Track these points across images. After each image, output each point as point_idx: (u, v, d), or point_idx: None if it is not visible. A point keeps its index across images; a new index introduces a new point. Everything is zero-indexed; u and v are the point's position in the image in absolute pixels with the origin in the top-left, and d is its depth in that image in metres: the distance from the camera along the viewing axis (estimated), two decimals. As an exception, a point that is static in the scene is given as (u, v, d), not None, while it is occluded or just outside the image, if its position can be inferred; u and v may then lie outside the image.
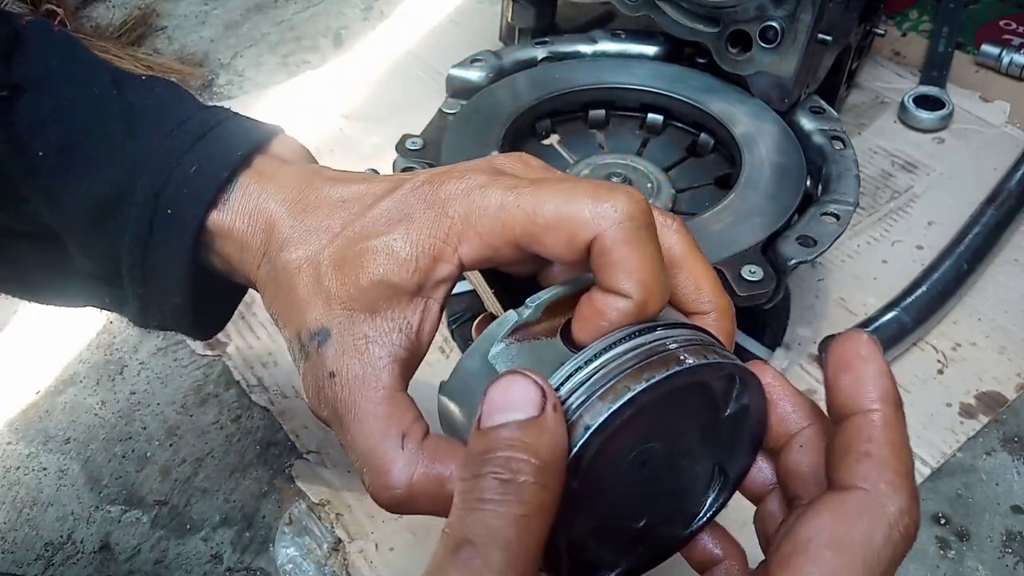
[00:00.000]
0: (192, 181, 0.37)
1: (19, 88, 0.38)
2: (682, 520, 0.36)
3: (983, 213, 0.77)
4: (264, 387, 0.68)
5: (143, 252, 0.38)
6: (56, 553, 0.60)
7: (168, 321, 0.41)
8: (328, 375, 0.34)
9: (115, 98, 0.39)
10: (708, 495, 0.36)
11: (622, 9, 0.76)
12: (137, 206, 0.37)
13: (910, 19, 1.04)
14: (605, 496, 0.32)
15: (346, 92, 0.97)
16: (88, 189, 0.37)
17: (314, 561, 0.58)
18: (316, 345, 0.34)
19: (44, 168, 0.37)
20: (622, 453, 0.31)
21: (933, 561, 0.57)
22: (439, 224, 0.35)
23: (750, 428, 0.35)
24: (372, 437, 0.33)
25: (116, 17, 1.11)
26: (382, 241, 0.35)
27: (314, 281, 0.35)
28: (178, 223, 0.37)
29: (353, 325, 0.34)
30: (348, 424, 0.34)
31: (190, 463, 0.65)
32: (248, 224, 0.37)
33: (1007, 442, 0.64)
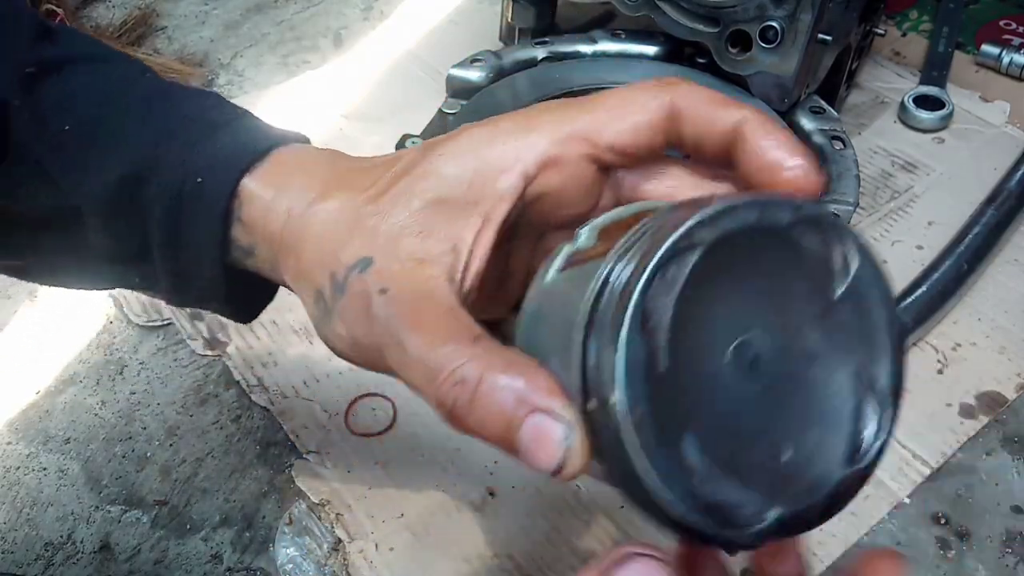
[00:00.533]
0: (226, 151, 0.36)
1: (46, 67, 0.37)
2: (837, 455, 0.29)
3: (983, 213, 0.77)
4: (264, 387, 0.68)
5: (174, 222, 0.36)
6: (56, 553, 0.60)
7: (205, 295, 0.39)
8: (378, 292, 0.31)
9: (148, 79, 0.38)
10: (863, 419, 0.29)
11: (622, 9, 0.76)
12: (164, 176, 0.36)
13: (910, 19, 1.04)
14: (713, 402, 0.26)
15: (346, 92, 0.97)
16: (117, 159, 0.36)
17: (314, 561, 0.58)
18: (358, 273, 0.32)
19: (70, 143, 0.37)
20: (710, 332, 0.26)
21: (933, 561, 0.57)
22: (494, 135, 0.32)
23: (879, 311, 0.29)
24: (436, 338, 0.29)
25: (116, 17, 1.11)
26: (428, 165, 0.33)
27: (353, 221, 0.33)
28: (209, 191, 0.36)
29: (399, 249, 0.32)
30: (406, 337, 0.30)
31: (190, 463, 0.65)
32: (277, 191, 0.36)
33: (1007, 442, 0.64)
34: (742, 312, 0.27)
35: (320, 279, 0.33)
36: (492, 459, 0.63)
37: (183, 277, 0.38)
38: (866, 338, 0.29)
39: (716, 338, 0.26)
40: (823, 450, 0.28)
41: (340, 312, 0.32)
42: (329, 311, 0.33)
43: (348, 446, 0.64)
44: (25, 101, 0.36)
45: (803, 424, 0.28)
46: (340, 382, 0.68)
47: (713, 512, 0.26)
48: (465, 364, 0.28)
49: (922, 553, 0.57)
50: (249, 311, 0.43)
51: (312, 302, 0.34)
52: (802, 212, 0.27)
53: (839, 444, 0.29)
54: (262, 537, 0.60)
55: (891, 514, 0.59)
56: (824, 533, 0.58)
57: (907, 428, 0.64)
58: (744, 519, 0.26)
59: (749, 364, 0.27)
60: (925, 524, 0.59)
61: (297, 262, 0.35)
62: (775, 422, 0.27)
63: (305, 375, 0.69)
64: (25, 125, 0.36)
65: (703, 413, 0.26)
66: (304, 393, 0.68)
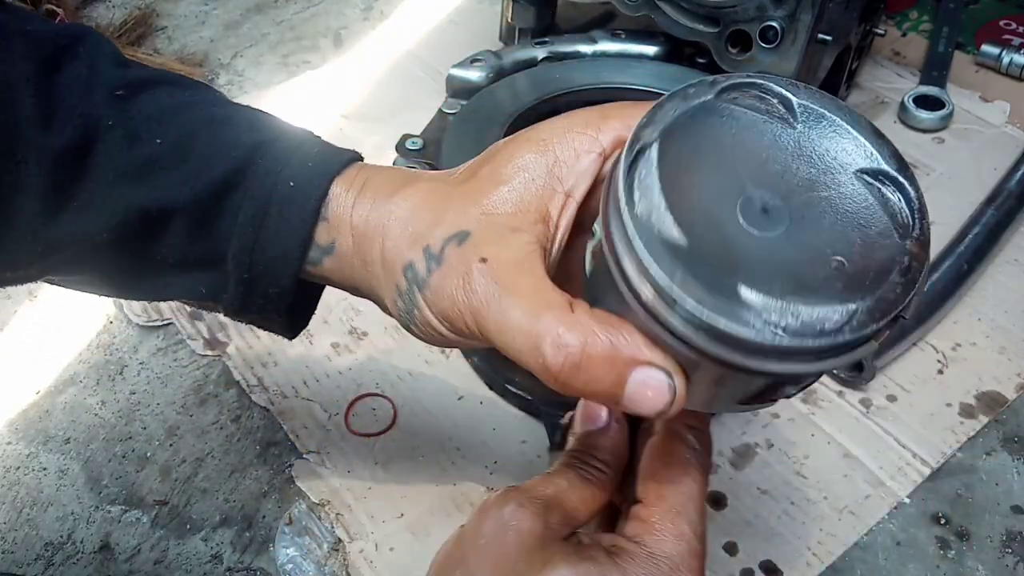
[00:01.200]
0: (316, 158, 0.40)
1: (133, 88, 0.40)
2: (889, 240, 0.31)
3: (983, 213, 0.77)
4: (264, 387, 0.68)
5: (256, 233, 0.39)
6: (56, 553, 0.60)
7: (270, 303, 0.42)
8: (479, 261, 0.33)
9: (222, 99, 0.42)
10: (889, 200, 0.32)
11: (622, 9, 0.76)
12: (257, 180, 0.39)
13: (910, 19, 1.04)
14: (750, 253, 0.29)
15: (346, 92, 0.97)
16: (207, 169, 0.39)
17: (314, 561, 0.58)
18: (455, 244, 0.34)
19: (163, 157, 0.39)
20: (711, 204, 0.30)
21: (933, 561, 0.57)
22: (572, 121, 0.36)
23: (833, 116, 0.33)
24: (539, 306, 0.32)
25: (116, 17, 1.11)
26: (511, 152, 0.36)
27: (441, 201, 0.36)
28: (301, 193, 0.39)
29: (495, 222, 0.34)
30: (509, 302, 0.32)
31: (190, 463, 0.65)
32: (361, 190, 0.39)
33: (1007, 442, 0.64)
34: (729, 179, 0.31)
35: (410, 254, 0.36)
36: (492, 459, 0.63)
37: (253, 284, 0.41)
38: (844, 139, 0.32)
39: (720, 207, 0.30)
40: (873, 243, 0.31)
41: (435, 283, 0.35)
42: (422, 282, 0.35)
43: (348, 446, 0.64)
44: (118, 119, 0.39)
45: (843, 233, 0.31)
46: (340, 382, 0.68)
47: (809, 334, 0.28)
48: (567, 332, 0.31)
49: (922, 553, 0.58)
50: (299, 324, 0.46)
51: (400, 276, 0.37)
52: (719, 85, 0.32)
53: (886, 231, 0.31)
54: (262, 537, 0.60)
55: (891, 514, 0.59)
56: (824, 533, 0.58)
57: (907, 428, 0.64)
58: (837, 326, 0.29)
59: (761, 214, 0.30)
60: (925, 524, 0.59)
61: (383, 246, 0.37)
62: (818, 244, 0.30)
63: (305, 375, 0.69)
64: (117, 143, 0.39)
65: (744, 265, 0.29)
66: (304, 393, 0.68)
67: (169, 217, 0.40)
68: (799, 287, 0.29)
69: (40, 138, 0.38)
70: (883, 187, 0.32)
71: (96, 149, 0.39)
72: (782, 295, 0.29)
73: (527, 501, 0.34)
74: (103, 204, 0.39)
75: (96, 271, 0.43)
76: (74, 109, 0.38)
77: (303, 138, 0.41)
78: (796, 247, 0.30)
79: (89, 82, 0.39)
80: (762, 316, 0.28)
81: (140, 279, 0.43)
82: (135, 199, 0.39)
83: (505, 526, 0.34)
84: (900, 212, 0.32)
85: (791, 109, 0.33)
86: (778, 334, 0.28)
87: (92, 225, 0.39)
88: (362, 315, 0.73)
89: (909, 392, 0.66)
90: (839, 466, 0.62)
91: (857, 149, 0.32)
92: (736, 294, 0.28)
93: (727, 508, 0.60)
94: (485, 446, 0.64)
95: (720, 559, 0.57)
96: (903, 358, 0.68)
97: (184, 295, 0.44)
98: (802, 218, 0.31)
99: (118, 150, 0.39)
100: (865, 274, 0.30)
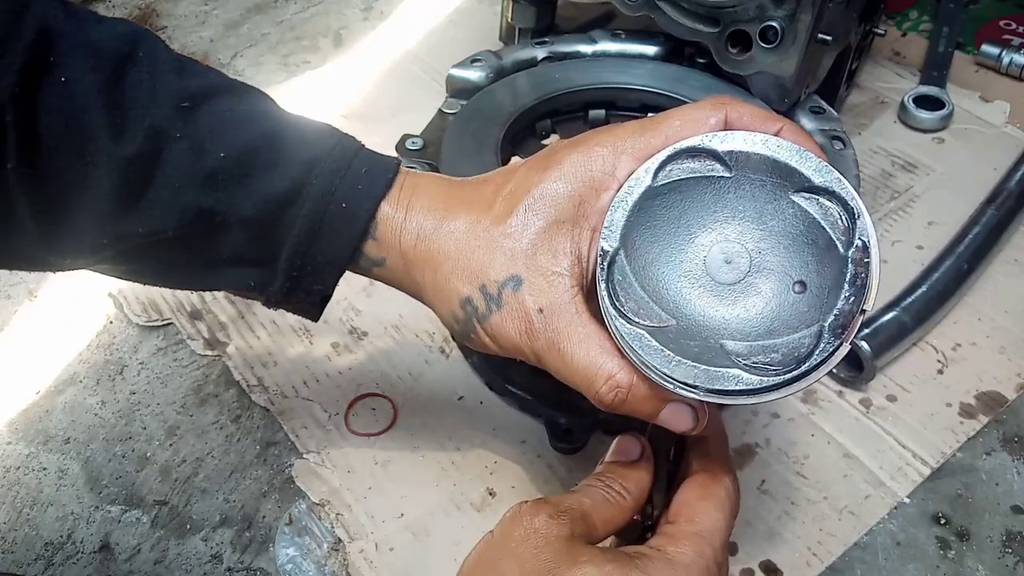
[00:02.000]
0: (364, 179, 0.44)
1: (196, 100, 0.43)
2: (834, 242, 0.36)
3: (983, 213, 0.77)
4: (264, 387, 0.68)
5: (309, 243, 0.44)
6: (56, 553, 0.60)
7: (309, 298, 0.47)
8: (537, 311, 0.40)
9: (277, 111, 0.46)
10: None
11: (622, 9, 0.76)
12: (312, 201, 0.43)
13: (910, 19, 1.04)
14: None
15: (346, 92, 0.97)
16: (268, 186, 0.43)
17: (314, 561, 0.58)
18: (511, 291, 0.40)
19: (226, 169, 0.43)
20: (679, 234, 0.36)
21: (933, 561, 0.57)
22: (590, 159, 0.40)
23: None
24: (592, 351, 0.39)
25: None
26: (540, 189, 0.41)
27: (487, 241, 0.41)
28: (351, 215, 0.44)
29: (540, 267, 0.40)
30: (569, 347, 0.39)
31: (190, 463, 0.65)
32: (407, 212, 0.44)
33: (1007, 442, 0.64)
34: (690, 247, 0.37)
35: (466, 290, 0.42)
36: (492, 459, 0.63)
37: (300, 281, 0.46)
38: (773, 168, 0.36)
39: (690, 275, 0.36)
40: (823, 256, 0.35)
41: (496, 321, 0.41)
42: (483, 317, 0.42)
43: (348, 446, 0.64)
44: (184, 131, 0.42)
45: (799, 255, 0.36)
46: (340, 382, 0.68)
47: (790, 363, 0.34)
48: (619, 372, 0.38)
49: (922, 553, 0.58)
50: (324, 307, 0.50)
51: (457, 307, 0.43)
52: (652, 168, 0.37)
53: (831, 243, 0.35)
54: (262, 537, 0.60)
55: (891, 514, 0.59)
56: (824, 533, 0.58)
57: (907, 428, 0.64)
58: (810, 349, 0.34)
59: (725, 264, 0.36)
60: (925, 524, 0.59)
61: (435, 275, 0.43)
62: (780, 272, 0.36)
63: (305, 375, 0.69)
64: (183, 154, 0.42)
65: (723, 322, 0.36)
66: (304, 393, 0.68)
67: (230, 223, 0.44)
68: (772, 322, 0.35)
69: (110, 146, 0.40)
70: (820, 199, 0.36)
71: (163, 157, 0.42)
72: (760, 336, 0.35)
73: (557, 513, 0.39)
74: (171, 205, 0.42)
75: (151, 262, 0.46)
76: (142, 120, 0.41)
77: (352, 153, 0.45)
78: (762, 285, 0.35)
79: (153, 90, 0.42)
80: (748, 360, 0.34)
81: (193, 272, 0.46)
82: (201, 204, 0.43)
83: (536, 532, 0.38)
84: (839, 218, 0.35)
85: (720, 159, 0.37)
86: (765, 375, 0.34)
87: (159, 223, 0.43)
88: (362, 315, 0.73)
89: (909, 392, 0.66)
90: (839, 466, 0.62)
91: (786, 172, 0.36)
92: (722, 350, 0.35)
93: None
94: (485, 446, 0.64)
95: (720, 559, 0.57)
96: (903, 358, 0.68)
97: (232, 287, 0.47)
98: (760, 253, 0.36)
99: (184, 161, 0.42)
100: (823, 288, 0.35)
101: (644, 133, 0.40)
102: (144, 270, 0.47)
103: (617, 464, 0.43)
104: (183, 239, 0.43)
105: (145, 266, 0.46)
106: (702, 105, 0.40)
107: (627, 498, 0.41)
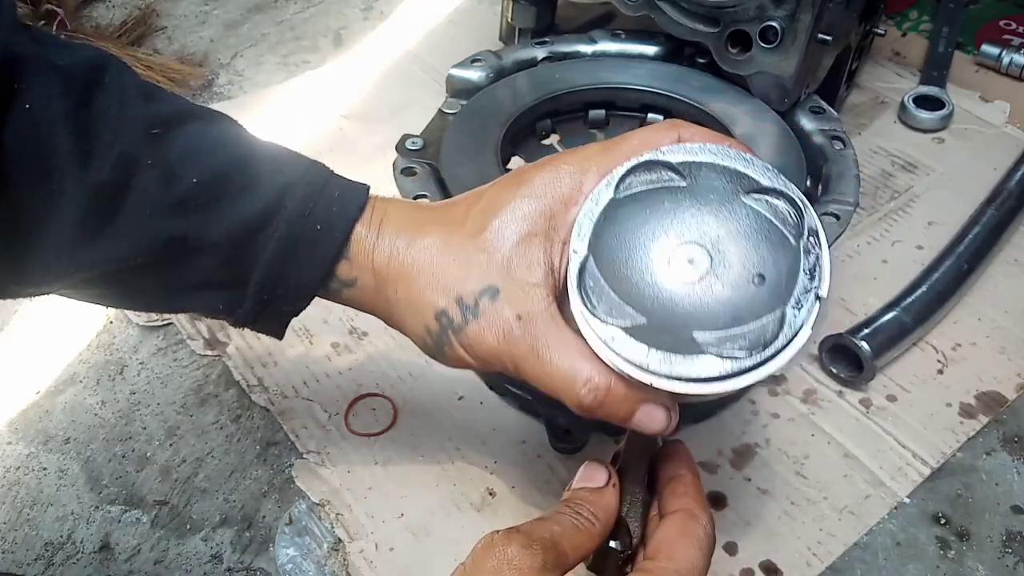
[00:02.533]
0: (337, 202, 0.45)
1: (166, 125, 0.42)
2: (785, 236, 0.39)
3: (983, 213, 0.77)
4: (264, 387, 0.68)
5: (281, 266, 0.44)
6: (56, 553, 0.60)
7: (277, 320, 0.48)
8: (515, 318, 0.41)
9: (246, 137, 0.46)
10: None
11: (622, 9, 0.76)
12: (286, 223, 0.44)
13: (910, 19, 1.04)
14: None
15: (346, 92, 0.97)
16: (240, 211, 0.43)
17: (314, 561, 0.58)
18: (488, 300, 0.41)
19: (198, 195, 0.42)
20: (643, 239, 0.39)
21: (933, 561, 0.57)
22: (558, 176, 0.42)
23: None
24: (571, 355, 0.40)
25: (116, 17, 1.11)
26: (513, 205, 0.42)
27: (461, 255, 0.42)
28: (326, 236, 0.44)
29: (516, 278, 0.41)
30: (547, 353, 0.40)
31: (190, 463, 0.65)
32: (379, 232, 0.45)
33: (1007, 442, 0.64)
34: (654, 250, 0.39)
35: (441, 302, 0.42)
36: (492, 459, 0.63)
37: (270, 304, 0.46)
38: (723, 174, 0.39)
39: (657, 276, 0.39)
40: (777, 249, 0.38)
41: (473, 331, 0.42)
42: (458, 327, 0.42)
43: (348, 446, 0.64)
44: (154, 158, 0.42)
45: (755, 250, 0.39)
46: (340, 382, 0.68)
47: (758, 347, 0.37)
48: (597, 375, 0.39)
49: (922, 553, 0.58)
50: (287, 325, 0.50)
51: (431, 319, 0.43)
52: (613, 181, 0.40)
53: (783, 237, 0.39)
54: (262, 537, 0.60)
55: (891, 514, 0.59)
56: (824, 533, 0.58)
57: (907, 428, 0.64)
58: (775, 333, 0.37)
59: (688, 264, 0.38)
60: (925, 524, 0.59)
61: (408, 289, 0.44)
62: (739, 268, 0.38)
63: (305, 375, 0.69)
64: (154, 180, 0.42)
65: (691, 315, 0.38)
66: (304, 393, 0.68)
67: (201, 248, 0.43)
68: (737, 311, 0.38)
69: (78, 173, 0.40)
70: (768, 198, 0.39)
71: (132, 184, 0.41)
72: (727, 325, 0.37)
73: (529, 543, 0.39)
74: (140, 233, 0.42)
75: (118, 288, 0.45)
76: (111, 146, 0.41)
77: (323, 179, 0.46)
78: (724, 279, 0.38)
79: (121, 116, 0.41)
80: (719, 349, 0.37)
81: (160, 296, 0.46)
82: (172, 231, 0.42)
83: (510, 564, 0.38)
84: (788, 215, 0.39)
85: (675, 170, 0.40)
86: (736, 359, 0.37)
87: (128, 251, 0.42)
88: (362, 315, 0.72)
89: (909, 392, 0.66)
90: (839, 466, 0.62)
91: (736, 177, 0.39)
92: (693, 341, 0.37)
93: (727, 508, 0.60)
94: (485, 446, 0.63)
95: (720, 559, 0.57)
96: (903, 358, 0.68)
97: (200, 310, 0.47)
98: (719, 252, 0.38)
99: (155, 187, 0.42)
100: (780, 278, 0.38)
101: (607, 152, 0.42)
102: (109, 295, 0.47)
103: (584, 490, 0.43)
104: (152, 265, 0.43)
105: (111, 291, 0.46)
106: (657, 127, 0.43)
107: (596, 524, 0.42)
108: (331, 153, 0.87)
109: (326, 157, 0.47)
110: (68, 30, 1.02)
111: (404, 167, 0.64)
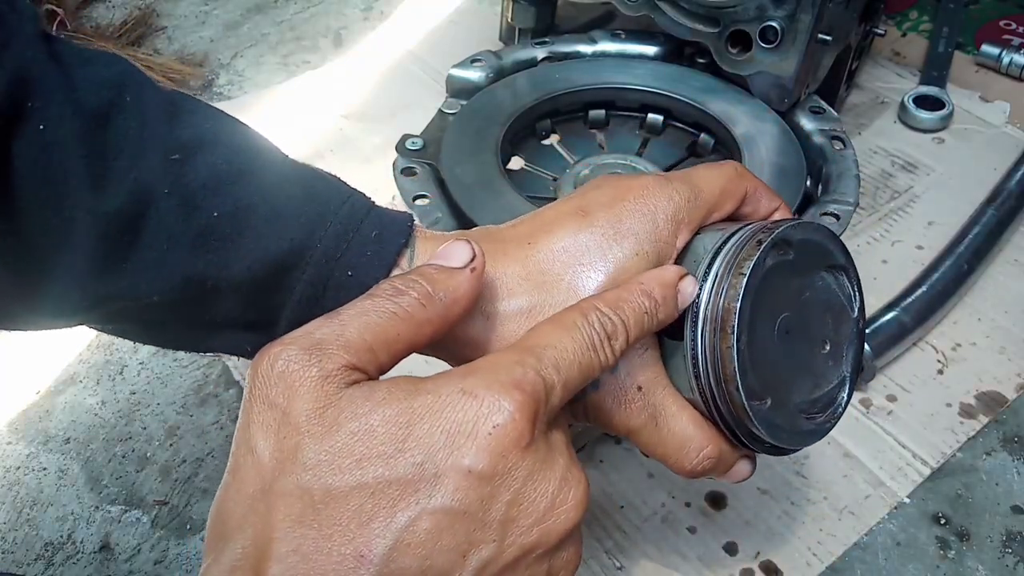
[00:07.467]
0: (373, 245, 0.40)
1: (188, 151, 0.39)
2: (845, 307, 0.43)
3: (983, 213, 0.77)
4: (264, 387, 0.68)
5: (311, 309, 0.40)
6: (56, 553, 0.60)
7: None
8: (636, 389, 0.40)
9: (284, 165, 0.41)
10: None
11: (622, 9, 0.76)
12: (315, 266, 0.39)
13: (910, 19, 1.04)
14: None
15: (346, 92, 0.97)
16: (265, 248, 0.39)
17: (314, 561, 0.58)
18: (608, 372, 0.40)
19: (219, 228, 0.38)
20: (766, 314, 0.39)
21: (933, 561, 0.57)
22: (656, 227, 0.41)
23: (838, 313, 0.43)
24: (691, 424, 0.41)
25: (116, 17, 1.11)
26: (619, 263, 0.40)
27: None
28: (359, 284, 0.39)
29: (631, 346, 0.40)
30: (667, 421, 0.41)
31: (190, 463, 0.65)
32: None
33: (1007, 442, 0.64)
34: (775, 325, 0.40)
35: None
36: (492, 459, 0.63)
37: None
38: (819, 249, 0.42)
39: (774, 350, 0.40)
40: (839, 320, 0.43)
41: (593, 400, 0.40)
42: (577, 397, 0.39)
43: (348, 446, 0.64)
44: (173, 187, 0.38)
45: (824, 319, 0.42)
46: (340, 382, 0.68)
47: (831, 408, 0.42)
48: (709, 444, 0.41)
49: (922, 553, 0.58)
50: None
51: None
52: (765, 258, 0.39)
53: (844, 308, 0.43)
54: (262, 537, 0.60)
55: (891, 514, 0.59)
56: (824, 533, 0.58)
57: (907, 428, 0.64)
58: (841, 397, 0.43)
59: (787, 335, 0.40)
60: (925, 524, 0.59)
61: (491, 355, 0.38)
62: (813, 336, 0.42)
63: (305, 375, 0.69)
64: (173, 211, 0.38)
65: (789, 386, 0.41)
66: (304, 393, 0.68)
67: (223, 288, 0.40)
68: (816, 377, 0.42)
69: (91, 200, 0.37)
70: (836, 274, 0.42)
71: (150, 214, 0.38)
72: (810, 392, 0.41)
73: (310, 346, 0.33)
74: (157, 269, 0.38)
75: (140, 324, 0.42)
76: (127, 172, 0.37)
77: (362, 214, 0.41)
78: (807, 347, 0.41)
79: (140, 140, 0.38)
80: (808, 412, 0.41)
81: (185, 336, 0.43)
82: (190, 269, 0.39)
83: (280, 377, 0.32)
84: (846, 288, 0.43)
85: (792, 245, 0.41)
86: (819, 422, 0.42)
87: (144, 287, 0.39)
88: (362, 315, 0.73)
89: (909, 392, 0.66)
90: (839, 466, 0.62)
91: (824, 252, 0.42)
92: (796, 409, 0.41)
93: (727, 508, 0.60)
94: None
95: (720, 559, 0.57)
96: (903, 358, 0.68)
97: (227, 351, 0.43)
98: (802, 320, 0.41)
99: (174, 219, 0.38)
100: (840, 346, 0.43)
101: (694, 199, 0.41)
102: (133, 331, 0.43)
103: (431, 267, 0.37)
104: (172, 304, 0.40)
105: (133, 328, 0.43)
106: (725, 170, 0.43)
107: (426, 308, 0.35)
108: (331, 153, 0.87)
109: (326, 157, 0.47)
110: (68, 30, 1.02)
111: (404, 167, 0.64)
